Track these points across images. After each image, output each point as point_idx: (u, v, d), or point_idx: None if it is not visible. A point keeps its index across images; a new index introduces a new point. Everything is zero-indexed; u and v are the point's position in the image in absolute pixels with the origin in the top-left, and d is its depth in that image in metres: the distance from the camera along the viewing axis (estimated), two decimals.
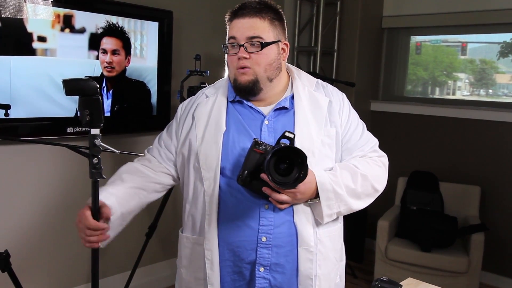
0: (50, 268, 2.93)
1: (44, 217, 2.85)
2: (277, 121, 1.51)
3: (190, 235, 1.53)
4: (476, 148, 3.89)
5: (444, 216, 3.54)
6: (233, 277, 1.48)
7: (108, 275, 3.20)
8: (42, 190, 2.78)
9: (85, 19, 2.80)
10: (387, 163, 1.60)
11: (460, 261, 3.25)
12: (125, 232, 3.25)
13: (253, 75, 1.47)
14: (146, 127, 3.20)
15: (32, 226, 2.81)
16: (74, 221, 2.93)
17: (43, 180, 2.76)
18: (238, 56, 1.45)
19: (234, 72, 1.49)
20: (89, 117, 1.22)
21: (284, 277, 1.47)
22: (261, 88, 1.49)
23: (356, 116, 1.61)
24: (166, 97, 3.28)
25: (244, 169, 1.38)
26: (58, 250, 2.95)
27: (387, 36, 4.48)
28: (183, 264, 1.56)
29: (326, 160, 1.50)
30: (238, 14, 1.47)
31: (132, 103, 3.11)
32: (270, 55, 1.47)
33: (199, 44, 3.47)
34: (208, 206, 1.46)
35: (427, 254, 3.32)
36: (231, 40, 1.48)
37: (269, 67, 1.48)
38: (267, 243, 1.44)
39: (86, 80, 1.21)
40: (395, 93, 4.51)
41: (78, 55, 2.80)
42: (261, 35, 1.45)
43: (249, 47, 1.45)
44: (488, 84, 4.11)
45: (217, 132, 1.48)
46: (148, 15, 3.10)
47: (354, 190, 1.48)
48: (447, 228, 3.41)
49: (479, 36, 4.15)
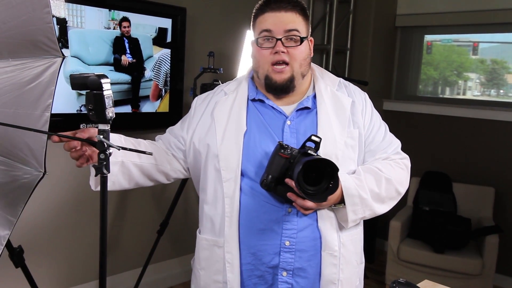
0: (62, 264, 2.94)
1: (56, 213, 2.86)
2: (299, 121, 1.47)
3: (210, 237, 1.49)
4: (489, 148, 3.85)
5: (457, 217, 3.50)
6: (255, 281, 1.45)
7: (120, 272, 3.20)
8: (54, 187, 2.79)
9: (98, 15, 2.80)
10: (410, 165, 1.57)
11: (473, 263, 3.21)
12: (137, 229, 3.28)
13: (290, 72, 1.42)
14: (159, 123, 3.21)
15: (44, 222, 2.82)
16: (86, 218, 2.96)
17: (55, 177, 2.77)
18: (276, 50, 1.40)
19: (268, 68, 1.43)
20: (92, 112, 1.22)
21: (307, 282, 1.44)
22: (295, 85, 1.45)
23: (379, 117, 1.58)
24: (178, 94, 3.28)
25: (268, 174, 1.35)
26: (70, 246, 2.95)
27: (400, 35, 4.45)
28: (202, 266, 1.52)
29: (349, 162, 1.46)
30: (272, 7, 1.41)
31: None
32: (305, 50, 1.44)
33: (212, 41, 3.46)
34: (228, 208, 1.42)
35: (440, 255, 3.29)
36: (265, 33, 1.41)
37: (304, 62, 1.45)
38: (290, 247, 1.42)
39: (90, 75, 1.21)
40: (408, 93, 4.48)
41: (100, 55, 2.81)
42: (298, 29, 1.40)
43: (286, 41, 1.40)
44: (499, 84, 4.07)
45: (238, 132, 1.45)
46: (162, 12, 3.09)
47: (379, 195, 1.45)
48: (461, 229, 3.37)
49: (491, 36, 4.11)
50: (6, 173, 1.68)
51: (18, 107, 1.55)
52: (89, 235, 3.01)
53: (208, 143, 1.48)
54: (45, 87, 1.56)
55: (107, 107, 1.22)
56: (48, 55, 1.51)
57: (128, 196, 3.18)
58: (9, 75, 1.50)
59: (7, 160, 1.66)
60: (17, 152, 1.66)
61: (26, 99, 1.55)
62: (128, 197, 3.18)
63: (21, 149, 1.65)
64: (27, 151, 1.66)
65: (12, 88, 1.52)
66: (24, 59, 1.51)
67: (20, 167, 1.69)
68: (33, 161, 1.69)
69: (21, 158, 1.68)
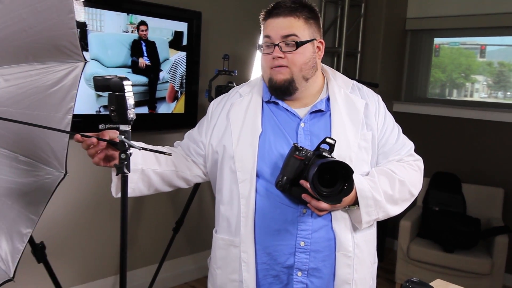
0: (81, 259, 2.95)
1: (76, 212, 2.88)
2: (313, 124, 1.46)
3: (226, 236, 1.48)
4: (497, 149, 3.81)
5: (467, 218, 3.47)
6: (270, 281, 1.44)
7: (137, 268, 3.21)
8: (74, 187, 2.80)
9: (117, 19, 2.81)
10: (423, 167, 1.55)
11: (483, 263, 3.18)
12: (153, 227, 3.29)
13: (289, 74, 1.41)
14: (174, 124, 3.22)
15: (65, 220, 2.83)
16: (104, 216, 2.97)
17: (75, 178, 2.78)
18: (273, 56, 1.40)
19: (269, 71, 1.44)
20: (114, 113, 1.22)
21: (322, 282, 1.43)
22: (297, 87, 1.44)
23: (392, 119, 1.56)
24: (193, 96, 3.28)
25: (283, 175, 1.34)
26: (89, 243, 2.97)
27: (410, 38, 4.42)
28: (218, 265, 1.52)
29: (362, 164, 1.45)
30: (273, 14, 1.42)
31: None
32: (305, 54, 1.42)
33: (226, 44, 3.46)
34: (244, 209, 1.42)
35: (449, 255, 3.26)
36: (266, 40, 1.43)
37: (305, 66, 1.43)
38: (305, 247, 1.41)
39: (113, 77, 1.21)
40: (417, 95, 4.45)
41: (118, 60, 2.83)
42: (296, 34, 1.39)
43: (284, 46, 1.40)
44: (506, 86, 4.03)
45: (253, 134, 1.44)
46: (178, 16, 3.10)
47: (392, 196, 1.43)
48: (470, 229, 3.34)
49: (498, 39, 4.06)
50: (29, 173, 1.69)
51: (41, 110, 1.56)
52: (107, 233, 3.02)
53: (224, 144, 1.47)
54: (67, 91, 1.56)
55: (129, 109, 1.22)
56: (71, 60, 1.52)
57: (145, 196, 3.19)
58: (34, 78, 1.51)
59: (30, 160, 1.67)
60: (39, 153, 1.67)
61: (49, 101, 1.56)
62: (145, 197, 3.18)
63: (43, 150, 1.66)
64: (49, 152, 1.67)
65: (36, 91, 1.52)
66: (48, 63, 1.51)
67: (42, 167, 1.70)
68: (54, 162, 1.70)
69: (43, 159, 1.69)
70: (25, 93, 1.51)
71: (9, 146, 1.61)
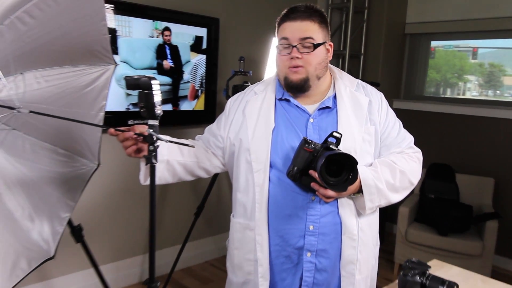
0: (114, 240, 2.99)
1: (108, 197, 2.90)
2: (321, 119, 1.44)
3: (242, 220, 1.48)
4: (488, 143, 3.77)
5: (460, 204, 3.43)
6: (282, 260, 1.44)
7: (162, 248, 3.24)
8: (106, 175, 2.82)
9: (143, 25, 2.81)
10: (422, 158, 1.53)
11: (474, 245, 3.15)
12: (177, 211, 3.30)
13: (305, 73, 1.39)
14: (195, 120, 3.22)
15: (99, 205, 2.86)
16: (133, 202, 2.99)
17: (107, 167, 2.80)
18: (291, 56, 1.38)
19: (286, 71, 1.41)
20: (143, 109, 1.22)
21: (329, 262, 1.42)
22: (310, 85, 1.42)
23: (393, 115, 1.53)
24: (212, 94, 3.28)
25: (294, 166, 1.33)
26: (121, 225, 3.00)
27: (409, 41, 4.36)
28: (235, 246, 1.51)
29: (366, 156, 1.43)
30: (290, 17, 1.39)
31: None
32: (320, 55, 1.40)
33: (242, 47, 3.44)
34: (258, 196, 1.41)
35: (444, 238, 3.23)
36: (283, 41, 1.40)
37: (319, 66, 1.41)
38: (314, 231, 1.40)
39: (142, 77, 1.21)
40: (415, 93, 4.40)
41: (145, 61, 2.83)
42: (312, 37, 1.37)
43: (301, 48, 1.37)
44: (496, 85, 3.97)
45: (267, 128, 1.43)
46: (198, 22, 3.09)
47: (393, 185, 1.42)
48: (463, 215, 3.31)
49: (489, 42, 4.00)
50: (67, 164, 1.70)
51: (77, 107, 1.57)
52: (136, 217, 3.05)
53: (241, 137, 1.47)
54: (100, 90, 1.57)
55: (156, 105, 1.22)
56: (103, 63, 1.52)
57: (169, 184, 3.20)
58: (70, 79, 1.52)
59: (68, 153, 1.69)
60: (75, 146, 1.68)
61: (84, 100, 1.57)
62: (170, 185, 3.19)
63: (79, 144, 1.67)
64: (84, 145, 1.68)
65: (72, 90, 1.53)
66: (83, 65, 1.52)
67: (78, 159, 1.72)
68: (89, 154, 1.71)
69: (79, 151, 1.70)
70: (63, 92, 1.52)
71: (49, 140, 1.63)
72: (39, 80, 1.47)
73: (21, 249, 1.54)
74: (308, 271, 1.42)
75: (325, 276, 1.43)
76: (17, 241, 1.54)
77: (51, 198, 1.68)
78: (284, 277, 1.44)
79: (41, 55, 1.41)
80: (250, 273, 1.46)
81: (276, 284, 1.45)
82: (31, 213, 1.61)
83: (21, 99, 1.43)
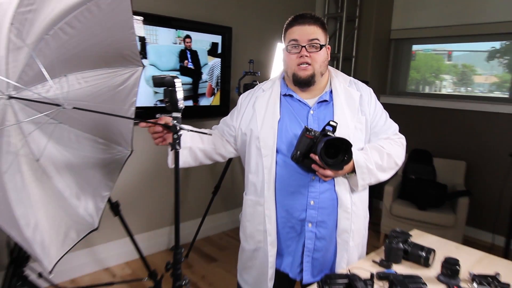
0: (145, 214, 3.01)
1: (141, 178, 2.92)
2: (320, 111, 1.42)
3: (253, 197, 1.47)
4: (461, 131, 3.71)
5: (436, 184, 3.39)
6: (287, 230, 1.43)
7: (185, 221, 3.26)
8: (138, 160, 2.84)
9: (168, 34, 2.79)
10: (405, 143, 1.50)
11: (448, 218, 3.12)
12: (197, 190, 3.31)
13: (312, 70, 1.37)
14: (212, 113, 3.21)
15: (132, 184, 2.88)
16: (160, 181, 3.00)
17: (138, 153, 2.81)
18: (301, 55, 1.36)
19: (295, 68, 1.39)
20: (168, 103, 1.21)
21: (327, 231, 1.42)
22: (315, 80, 1.40)
23: (381, 107, 1.51)
24: (226, 92, 3.26)
25: (297, 150, 1.32)
26: (151, 202, 3.02)
27: (394, 45, 4.28)
28: (247, 219, 1.50)
29: (358, 141, 1.41)
30: (299, 22, 1.36)
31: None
32: (323, 54, 1.39)
33: (251, 52, 3.41)
34: (267, 177, 1.40)
35: (422, 212, 3.20)
36: (293, 42, 1.37)
37: (323, 64, 1.39)
38: (314, 205, 1.39)
39: (166, 76, 1.20)
40: (399, 89, 4.33)
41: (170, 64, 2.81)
42: (318, 39, 1.35)
43: (309, 47, 1.35)
44: (467, 83, 3.90)
45: (274, 120, 1.41)
46: (214, 31, 3.06)
47: (381, 166, 1.40)
48: (439, 192, 3.27)
49: (462, 45, 3.91)
50: (106, 151, 1.70)
51: (112, 103, 1.56)
52: (164, 194, 3.06)
53: (251, 128, 1.45)
54: (131, 89, 1.55)
55: (179, 100, 1.20)
56: (133, 65, 1.51)
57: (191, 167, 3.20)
58: (106, 80, 1.51)
59: (106, 141, 1.68)
60: (112, 136, 1.68)
61: (117, 97, 1.56)
62: (191, 168, 3.21)
63: (115, 134, 1.67)
64: (119, 135, 1.68)
65: (108, 89, 1.52)
66: (116, 68, 1.50)
67: (114, 146, 1.71)
68: (123, 142, 1.71)
69: (115, 140, 1.69)
70: (100, 91, 1.51)
71: (90, 131, 1.62)
72: (80, 81, 1.46)
73: (71, 223, 1.54)
74: (309, 239, 1.41)
75: (323, 243, 1.42)
76: (67, 216, 1.54)
77: (93, 180, 1.68)
78: (289, 244, 1.44)
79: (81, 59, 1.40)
80: (260, 241, 1.46)
81: (282, 250, 1.45)
82: (77, 193, 1.61)
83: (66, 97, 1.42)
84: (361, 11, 4.08)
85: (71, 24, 1.26)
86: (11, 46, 1.18)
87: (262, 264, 1.46)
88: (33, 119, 1.39)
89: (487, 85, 3.79)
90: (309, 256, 1.42)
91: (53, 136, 1.51)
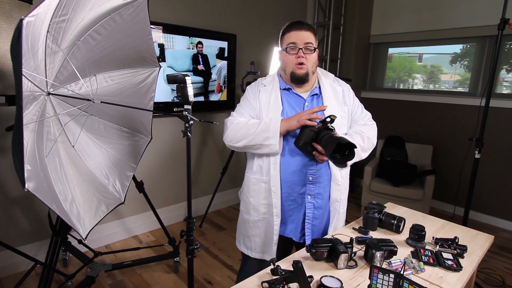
0: (164, 190, 3.00)
1: (159, 161, 2.91)
2: (313, 103, 1.42)
3: (258, 176, 1.45)
4: (429, 120, 3.67)
5: (408, 164, 3.37)
6: (289, 203, 1.42)
7: (198, 197, 3.26)
8: (156, 146, 2.83)
9: (183, 41, 2.75)
10: (376, 128, 1.52)
11: (418, 193, 3.10)
12: (208, 170, 3.31)
13: (306, 69, 1.36)
14: (221, 107, 3.19)
15: (153, 166, 2.88)
16: (176, 164, 3.00)
17: (157, 140, 2.81)
18: (298, 55, 1.34)
19: (293, 67, 1.37)
20: (181, 98, 1.20)
21: (323, 201, 1.42)
22: (309, 78, 1.39)
23: (357, 99, 1.52)
24: (232, 89, 3.23)
25: (301, 139, 1.32)
26: (169, 180, 3.01)
27: (373, 49, 4.21)
28: (251, 194, 1.48)
29: (342, 127, 1.42)
30: (296, 27, 1.35)
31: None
32: (315, 56, 1.38)
33: (252, 54, 3.37)
34: (273, 158, 1.40)
35: (396, 188, 3.19)
36: (291, 45, 1.35)
37: (314, 64, 1.38)
38: (312, 181, 1.39)
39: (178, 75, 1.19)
40: (377, 86, 4.28)
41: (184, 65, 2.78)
42: (312, 42, 1.34)
43: (305, 50, 1.34)
44: (435, 81, 3.84)
45: (277, 110, 1.40)
46: (221, 37, 3.02)
47: (363, 147, 1.41)
48: (410, 172, 3.25)
49: (431, 48, 3.84)
50: (129, 138, 1.70)
51: (134, 98, 1.55)
52: (180, 174, 3.06)
53: (259, 118, 1.43)
54: (150, 86, 1.54)
55: (189, 94, 1.19)
56: (151, 66, 1.49)
57: (203, 150, 3.20)
58: (128, 78, 1.50)
59: (129, 130, 1.68)
60: (134, 125, 1.67)
61: (138, 93, 1.55)
62: (204, 151, 3.21)
63: (137, 124, 1.66)
64: (140, 125, 1.67)
65: (130, 86, 1.51)
66: (136, 68, 1.49)
67: (137, 134, 1.71)
68: (144, 131, 1.70)
69: (137, 129, 1.69)
70: (123, 88, 1.50)
71: (116, 122, 1.62)
72: (107, 80, 1.45)
73: (101, 198, 1.55)
74: (309, 209, 1.42)
75: (320, 211, 1.42)
76: (98, 192, 1.55)
77: (120, 162, 1.68)
78: (291, 214, 1.44)
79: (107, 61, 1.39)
80: (265, 213, 1.45)
81: (286, 219, 1.45)
82: (106, 173, 1.62)
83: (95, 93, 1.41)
84: (345, 20, 4.01)
85: (98, 31, 1.25)
86: (48, 51, 1.17)
87: (267, 231, 1.46)
88: (68, 111, 1.38)
89: (451, 82, 3.73)
90: (309, 223, 1.43)
91: (85, 126, 1.51)
